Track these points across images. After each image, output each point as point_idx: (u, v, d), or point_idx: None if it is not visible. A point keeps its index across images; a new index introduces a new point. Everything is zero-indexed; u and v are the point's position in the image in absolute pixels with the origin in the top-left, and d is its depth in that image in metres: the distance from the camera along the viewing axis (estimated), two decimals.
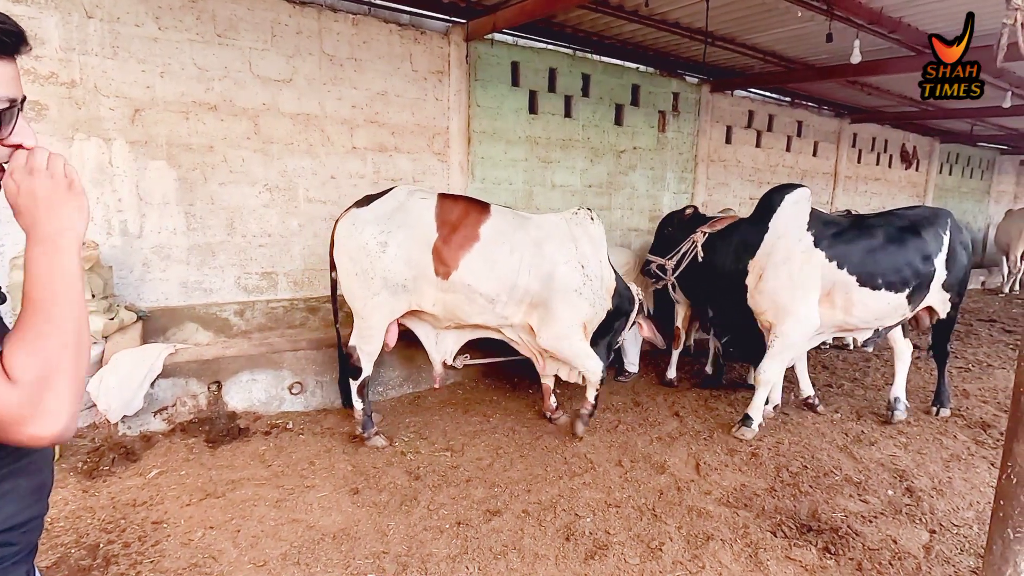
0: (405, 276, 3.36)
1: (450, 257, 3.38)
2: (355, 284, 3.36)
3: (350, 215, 3.40)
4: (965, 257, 4.19)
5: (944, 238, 4.09)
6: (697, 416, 4.36)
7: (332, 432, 3.84)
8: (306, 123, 4.64)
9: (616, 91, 6.44)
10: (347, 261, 3.35)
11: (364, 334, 3.49)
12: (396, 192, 3.50)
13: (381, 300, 3.38)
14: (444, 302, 3.49)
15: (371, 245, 3.29)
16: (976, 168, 12.72)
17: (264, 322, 4.62)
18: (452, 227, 3.39)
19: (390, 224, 3.33)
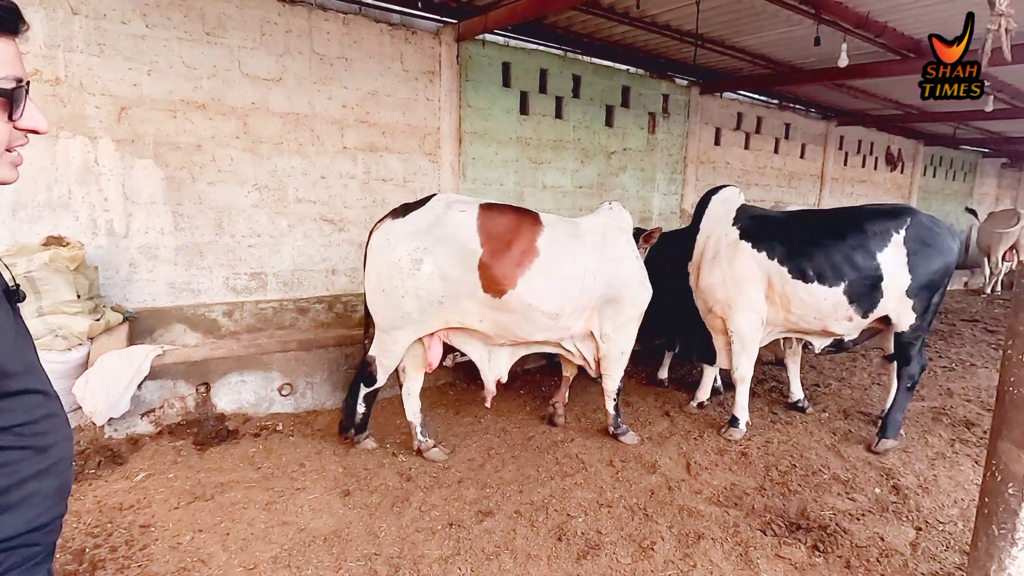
0: (442, 294, 3.13)
1: (504, 275, 3.13)
2: (381, 300, 3.16)
3: (384, 228, 3.18)
4: (938, 263, 3.67)
5: (894, 236, 3.69)
6: (687, 416, 4.38)
7: (323, 434, 3.81)
8: (296, 123, 4.60)
9: (607, 92, 6.47)
10: (375, 275, 3.16)
11: (386, 348, 3.31)
12: (434, 203, 3.23)
13: (411, 319, 3.17)
14: (496, 320, 3.25)
15: (404, 262, 3.06)
16: (959, 171, 12.94)
17: (253, 323, 4.57)
18: (502, 241, 3.13)
19: (426, 240, 3.08)
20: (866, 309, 3.75)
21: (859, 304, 3.74)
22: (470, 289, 3.14)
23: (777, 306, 3.88)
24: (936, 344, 6.78)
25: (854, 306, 3.74)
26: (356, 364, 4.31)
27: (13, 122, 0.84)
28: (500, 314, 3.23)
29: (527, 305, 3.21)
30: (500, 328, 3.30)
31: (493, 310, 3.22)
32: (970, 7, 4.35)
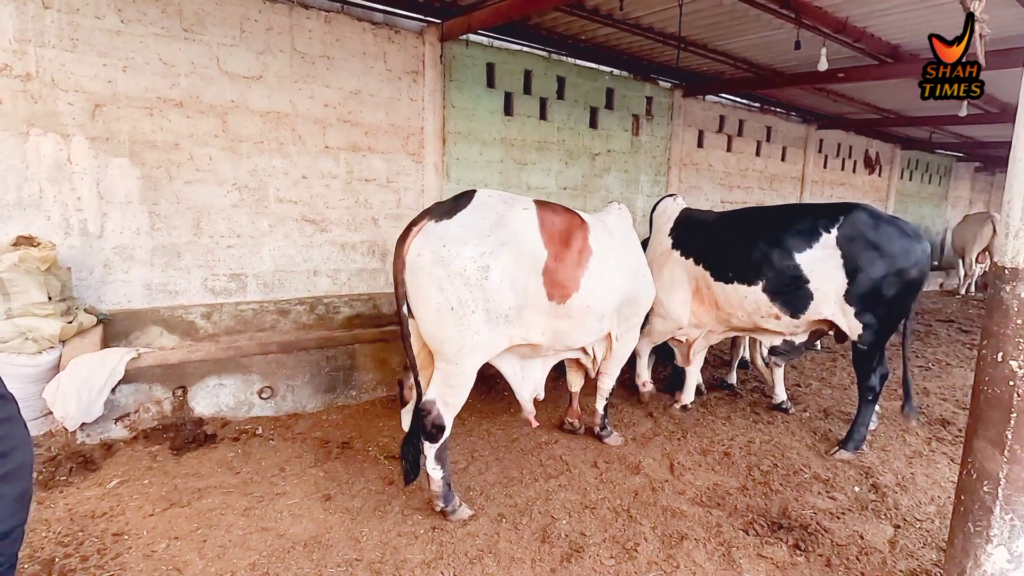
0: (509, 306, 2.68)
1: (568, 278, 2.86)
2: (449, 321, 2.59)
3: (432, 231, 2.62)
4: (882, 268, 3.41)
5: (823, 235, 3.52)
6: (670, 417, 4.40)
7: (304, 438, 3.75)
8: (277, 121, 4.54)
9: (591, 94, 6.48)
10: (435, 292, 2.56)
11: (453, 383, 2.73)
12: (485, 200, 2.79)
13: (481, 339, 2.67)
14: (555, 330, 2.94)
15: (470, 271, 2.56)
16: (935, 174, 13.23)
17: (232, 325, 4.49)
18: (562, 242, 2.86)
19: (491, 242, 2.62)
20: (795, 309, 3.65)
21: (784, 303, 3.65)
22: (535, 297, 2.78)
23: (708, 306, 4.02)
24: (913, 344, 6.90)
25: (778, 305, 3.66)
26: (339, 367, 4.27)
27: None
28: (560, 322, 2.93)
29: (586, 308, 2.98)
30: (555, 338, 2.98)
31: (555, 318, 2.90)
32: (945, 14, 4.45)
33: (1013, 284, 1.93)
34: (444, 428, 2.79)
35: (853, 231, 3.48)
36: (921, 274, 3.50)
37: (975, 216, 10.44)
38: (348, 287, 5.10)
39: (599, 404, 3.84)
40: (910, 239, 3.49)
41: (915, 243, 3.49)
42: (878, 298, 3.47)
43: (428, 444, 2.79)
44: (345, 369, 4.28)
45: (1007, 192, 2.01)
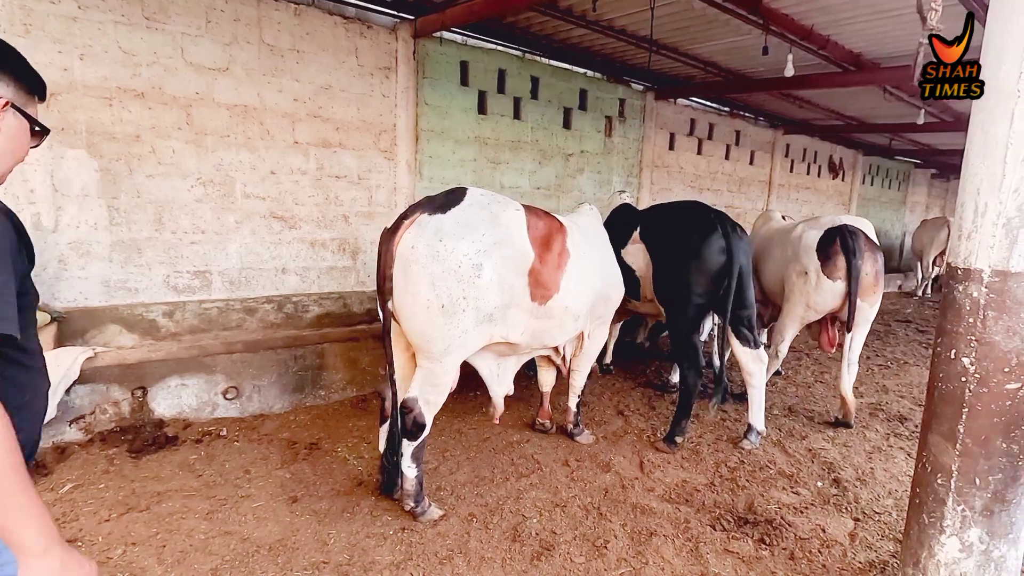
0: (496, 305, 2.68)
1: (550, 279, 2.89)
2: (438, 319, 2.54)
3: (427, 224, 2.56)
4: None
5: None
6: (641, 415, 4.45)
7: (270, 439, 3.66)
8: (244, 115, 4.43)
9: (564, 95, 6.51)
10: (427, 289, 2.51)
11: (436, 381, 2.71)
12: (478, 198, 2.76)
13: (468, 338, 2.67)
14: (534, 329, 2.96)
15: (465, 268, 2.53)
16: (894, 180, 13.72)
17: (196, 324, 4.36)
18: (544, 244, 2.88)
19: (485, 240, 2.61)
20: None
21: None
22: (520, 297, 2.79)
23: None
24: (872, 343, 7.14)
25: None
26: (307, 366, 4.19)
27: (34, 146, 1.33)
28: (540, 322, 2.95)
29: (564, 309, 3.01)
30: (533, 337, 3.00)
31: (535, 318, 2.92)
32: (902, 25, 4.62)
33: (965, 284, 2.00)
34: (425, 426, 2.75)
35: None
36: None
37: (932, 221, 10.86)
38: (318, 285, 5.00)
39: (571, 402, 3.86)
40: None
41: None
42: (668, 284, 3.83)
43: (407, 442, 2.75)
44: (313, 369, 4.20)
45: (960, 196, 2.09)
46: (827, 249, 3.99)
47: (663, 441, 3.83)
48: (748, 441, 3.87)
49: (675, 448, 3.78)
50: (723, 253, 3.53)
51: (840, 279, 3.93)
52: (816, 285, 4.03)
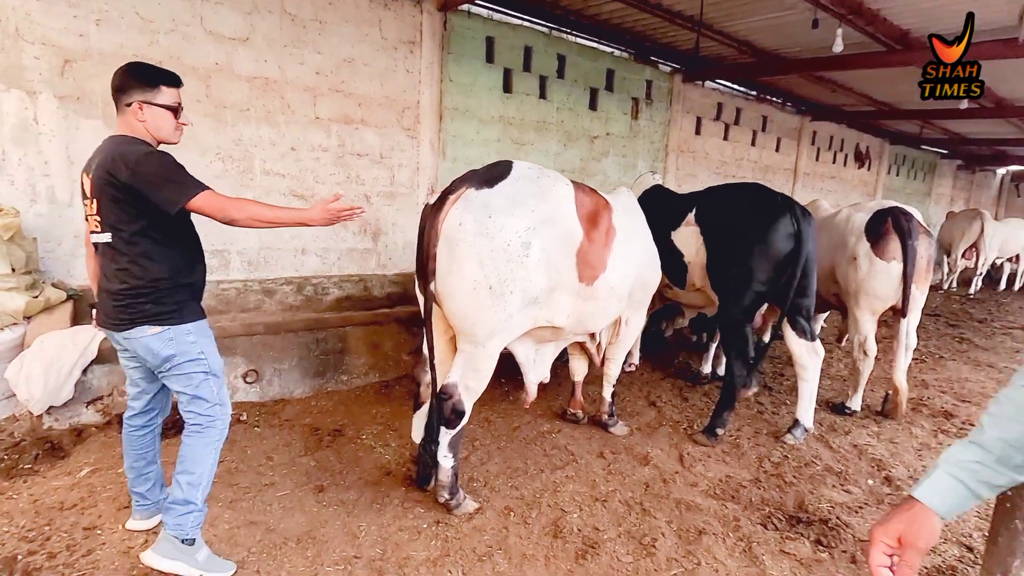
0: (542, 287, 2.50)
1: (597, 258, 2.70)
2: (484, 301, 2.36)
3: (475, 200, 2.38)
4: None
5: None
6: (674, 406, 4.27)
7: (292, 424, 3.52)
8: (264, 88, 4.24)
9: (591, 75, 6.28)
10: (474, 268, 2.33)
11: (478, 366, 2.53)
12: (525, 171, 2.57)
13: (513, 322, 2.49)
14: (580, 312, 2.77)
15: (514, 246, 2.36)
16: (919, 171, 13.35)
17: (214, 304, 4.21)
18: (592, 221, 2.69)
19: (534, 217, 2.43)
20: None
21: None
22: (567, 278, 2.61)
23: None
24: None
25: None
26: (329, 350, 4.04)
27: (177, 120, 2.09)
28: (586, 304, 2.76)
29: (610, 289, 2.83)
30: (578, 321, 2.82)
31: (581, 300, 2.72)
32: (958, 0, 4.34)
33: None
34: (464, 413, 2.59)
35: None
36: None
37: (963, 213, 10.52)
38: (338, 267, 4.84)
39: (606, 391, 3.69)
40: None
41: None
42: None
43: (444, 430, 2.58)
44: (335, 353, 4.05)
45: None
46: (878, 229, 3.79)
47: (702, 433, 3.65)
48: (792, 436, 3.69)
49: (715, 441, 3.60)
50: (791, 239, 3.31)
51: (895, 260, 3.71)
52: (869, 270, 3.81)
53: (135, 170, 1.89)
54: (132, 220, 1.96)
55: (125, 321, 2.04)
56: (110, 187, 1.93)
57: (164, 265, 2.03)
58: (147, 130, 2.03)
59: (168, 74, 2.06)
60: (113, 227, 1.98)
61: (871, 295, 3.88)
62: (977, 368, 5.79)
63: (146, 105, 1.99)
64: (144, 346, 2.06)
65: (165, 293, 2.04)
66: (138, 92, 1.98)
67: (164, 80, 2.03)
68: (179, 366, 2.09)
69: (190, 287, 2.14)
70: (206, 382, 2.14)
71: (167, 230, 2.02)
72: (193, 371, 2.11)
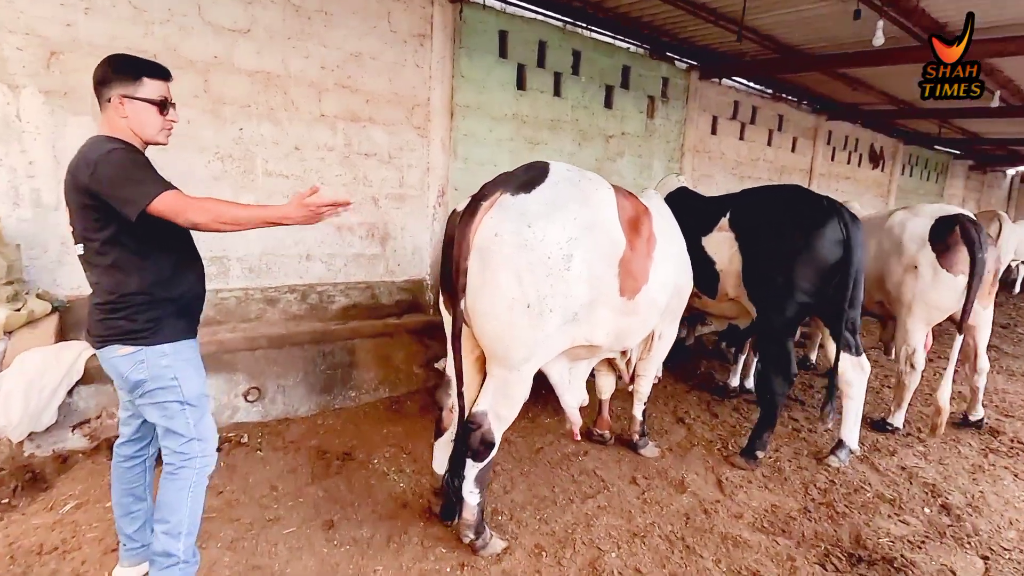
0: (582, 302, 2.23)
1: (640, 269, 2.43)
2: (521, 320, 2.11)
3: (512, 207, 2.13)
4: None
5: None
6: (704, 423, 4.01)
7: (297, 447, 3.25)
8: (266, 83, 3.97)
9: (607, 72, 6.01)
10: (511, 283, 2.07)
11: (511, 392, 2.27)
12: (564, 173, 2.31)
13: (551, 342, 2.24)
14: (619, 328, 2.49)
15: (555, 258, 2.10)
16: (932, 171, 13.09)
17: (212, 315, 3.93)
18: (634, 228, 2.42)
19: (576, 225, 2.17)
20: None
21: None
22: (608, 292, 2.32)
23: None
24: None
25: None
26: (336, 364, 3.77)
27: (164, 117, 1.93)
28: (627, 319, 2.49)
29: (651, 302, 2.57)
30: (617, 338, 2.55)
31: (623, 315, 2.45)
32: None
33: None
34: (494, 445, 2.34)
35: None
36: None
37: (981, 214, 10.27)
38: (344, 274, 4.56)
39: (636, 410, 3.44)
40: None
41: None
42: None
43: (471, 463, 2.32)
44: (343, 367, 3.78)
45: None
46: (945, 239, 3.56)
47: (741, 456, 3.39)
48: (837, 458, 3.42)
49: (755, 464, 3.34)
50: (840, 246, 3.06)
51: (963, 273, 3.49)
52: (933, 280, 3.58)
53: (94, 171, 1.68)
54: (101, 228, 1.74)
55: (100, 338, 1.83)
56: (75, 192, 1.73)
57: (138, 277, 1.79)
58: (130, 128, 1.82)
59: (152, 65, 1.86)
60: (84, 236, 1.78)
61: (930, 306, 3.65)
62: (1012, 379, 5.53)
63: (127, 99, 1.79)
64: (114, 368, 1.84)
65: (139, 309, 1.80)
66: (119, 85, 1.78)
67: (147, 71, 1.83)
68: (151, 393, 1.85)
69: (172, 303, 1.87)
70: (181, 413, 1.87)
71: (141, 237, 1.77)
72: (165, 400, 1.85)
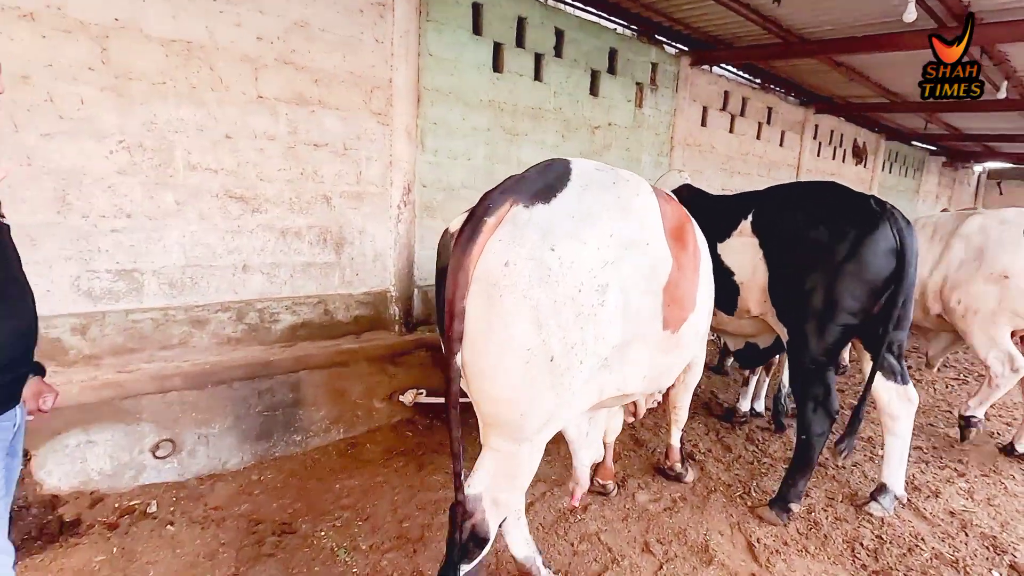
0: (614, 343, 1.65)
1: (687, 294, 1.89)
2: (541, 378, 1.53)
3: (527, 224, 1.53)
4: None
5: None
6: (717, 459, 3.45)
7: (222, 517, 2.54)
8: (186, 54, 3.21)
9: (592, 55, 5.39)
10: (528, 329, 1.48)
11: (518, 471, 1.70)
12: (590, 172, 1.74)
13: (577, 401, 1.69)
14: (658, 369, 1.96)
15: (587, 292, 1.53)
16: (910, 167, 12.97)
17: (122, 342, 3.17)
18: (680, 241, 1.84)
19: (612, 245, 1.59)
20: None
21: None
22: (647, 326, 1.75)
23: None
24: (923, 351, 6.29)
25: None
26: (276, 403, 3.06)
27: None
28: (666, 358, 1.96)
29: (695, 333, 2.06)
30: (653, 381, 2.04)
31: (664, 353, 1.91)
32: None
33: None
34: (488, 540, 1.70)
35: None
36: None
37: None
38: (291, 287, 3.84)
39: (674, 439, 3.06)
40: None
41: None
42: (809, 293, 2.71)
43: (466, 563, 1.68)
44: (285, 406, 3.07)
45: None
46: None
47: (770, 508, 2.82)
48: (879, 506, 2.90)
49: (788, 519, 2.78)
50: (892, 256, 2.51)
51: None
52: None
53: None
54: None
55: None
56: None
57: None
58: None
59: None
60: None
61: (1018, 315, 3.44)
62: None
63: None
64: None
65: None
66: None
67: None
68: None
69: None
70: None
71: None
72: None
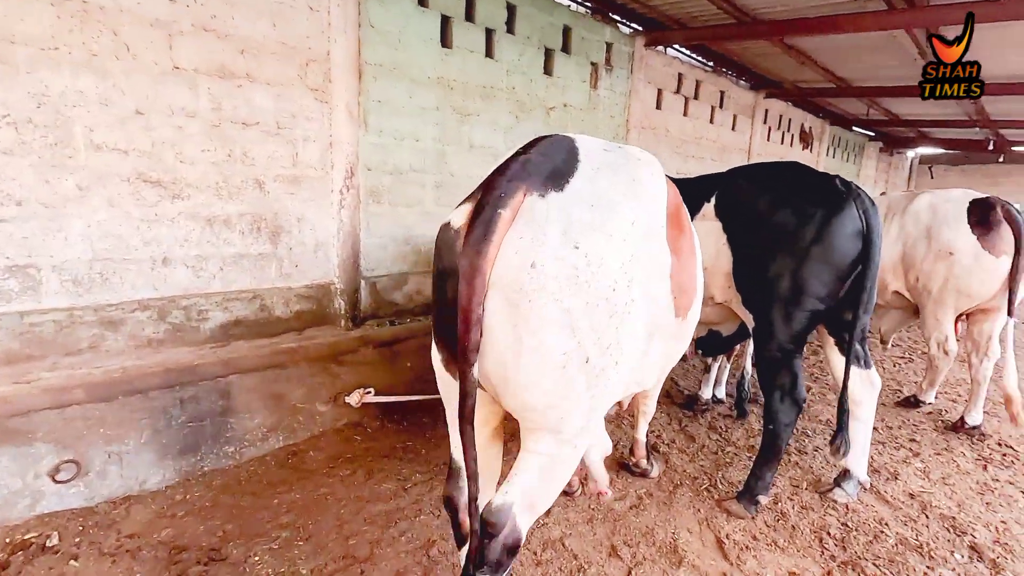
0: (644, 338, 1.64)
1: (689, 278, 1.86)
2: (579, 381, 1.43)
3: (547, 216, 1.39)
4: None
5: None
6: (681, 450, 3.36)
7: (137, 546, 2.22)
8: (82, 16, 2.79)
9: (546, 32, 5.17)
10: (562, 336, 1.38)
11: (559, 473, 1.60)
12: (598, 152, 1.62)
13: (609, 399, 1.66)
14: (667, 358, 1.98)
15: (620, 289, 1.45)
16: (851, 153, 13.40)
17: (16, 348, 2.76)
18: (678, 225, 1.82)
19: (634, 234, 1.53)
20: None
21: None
22: (664, 316, 1.71)
23: None
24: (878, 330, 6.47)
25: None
26: (202, 412, 2.74)
27: None
28: (676, 345, 1.99)
29: (695, 317, 2.07)
30: (663, 370, 2.13)
31: (674, 341, 1.94)
32: None
33: None
34: (521, 543, 1.56)
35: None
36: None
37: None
38: (221, 281, 3.47)
39: (640, 433, 2.91)
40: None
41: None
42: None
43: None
44: (213, 415, 2.76)
45: None
46: (987, 220, 3.38)
47: (737, 500, 2.73)
48: (843, 492, 2.86)
49: (756, 511, 2.70)
50: (859, 238, 2.44)
51: (1006, 254, 3.32)
52: (972, 266, 3.40)
53: None
54: None
55: None
56: None
57: None
58: None
59: None
60: None
61: (964, 294, 3.49)
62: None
63: None
64: None
65: None
66: None
67: None
68: None
69: None
70: None
71: None
72: None
